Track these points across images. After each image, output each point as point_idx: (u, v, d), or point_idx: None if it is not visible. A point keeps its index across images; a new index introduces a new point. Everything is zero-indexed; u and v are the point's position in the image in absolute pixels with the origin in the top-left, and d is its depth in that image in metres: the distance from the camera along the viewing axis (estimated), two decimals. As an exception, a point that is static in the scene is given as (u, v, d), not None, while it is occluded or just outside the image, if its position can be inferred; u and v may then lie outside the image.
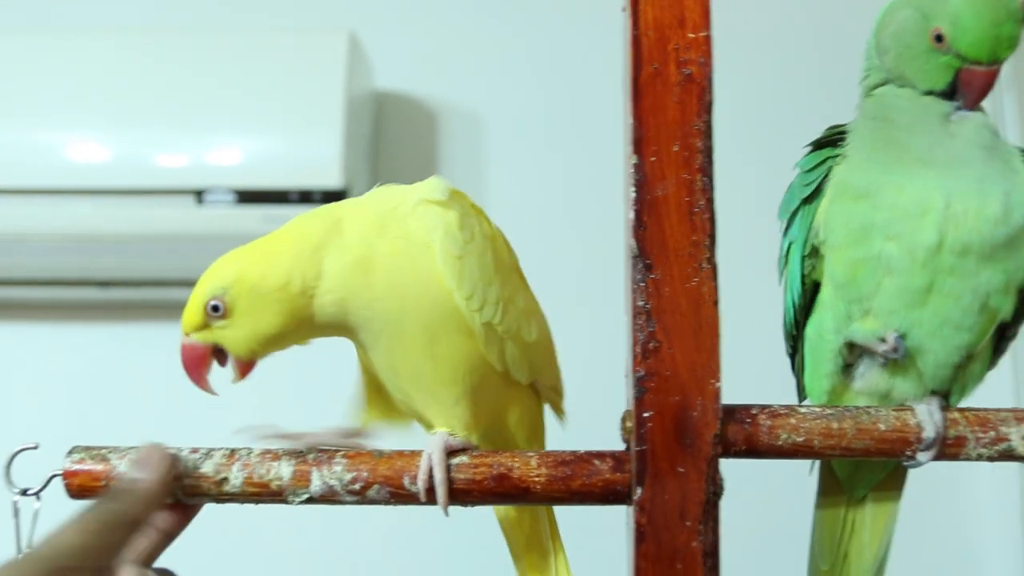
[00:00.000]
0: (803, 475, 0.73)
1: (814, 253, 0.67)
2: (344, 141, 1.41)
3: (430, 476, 0.60)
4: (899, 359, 0.63)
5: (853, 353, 0.67)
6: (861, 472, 0.70)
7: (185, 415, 1.40)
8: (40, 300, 1.46)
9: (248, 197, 1.41)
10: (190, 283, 0.63)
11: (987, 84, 0.64)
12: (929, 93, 0.65)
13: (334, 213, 0.65)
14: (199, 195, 1.40)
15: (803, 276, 0.68)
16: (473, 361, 0.64)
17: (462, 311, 0.62)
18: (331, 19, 1.58)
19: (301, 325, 0.63)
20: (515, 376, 0.66)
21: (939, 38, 0.64)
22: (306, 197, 1.41)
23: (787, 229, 0.69)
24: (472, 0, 1.62)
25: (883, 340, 0.64)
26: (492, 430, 0.67)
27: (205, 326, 0.62)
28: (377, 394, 0.69)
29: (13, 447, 0.63)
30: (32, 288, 1.44)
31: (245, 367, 0.64)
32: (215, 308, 0.62)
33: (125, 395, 1.42)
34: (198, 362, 0.63)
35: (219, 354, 0.64)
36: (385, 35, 1.58)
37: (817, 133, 0.70)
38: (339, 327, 0.64)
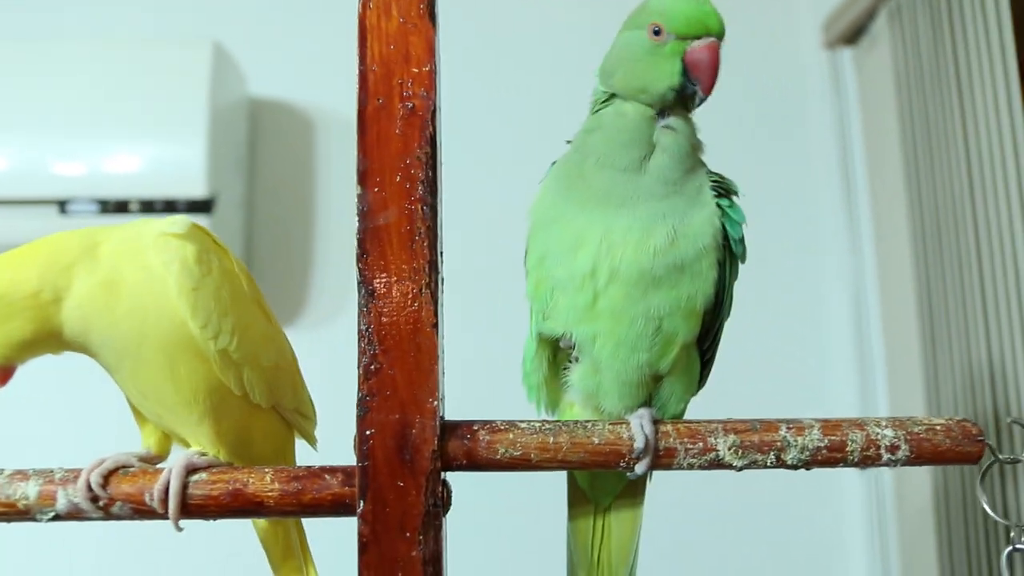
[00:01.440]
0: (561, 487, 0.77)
1: None
2: (209, 150, 1.43)
3: (167, 490, 0.63)
4: (572, 354, 0.69)
5: (550, 355, 0.72)
6: (600, 483, 0.74)
7: (34, 426, 1.42)
8: None
9: (112, 207, 1.43)
10: None
11: (714, 59, 0.66)
12: (665, 96, 0.67)
13: (94, 236, 0.67)
14: (62, 205, 1.41)
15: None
16: (212, 384, 0.67)
17: (199, 338, 0.66)
18: (200, 30, 1.59)
19: (50, 335, 0.65)
20: (255, 399, 0.70)
21: (656, 31, 0.67)
22: (171, 206, 1.43)
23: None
24: (344, 5, 1.63)
25: (563, 337, 0.69)
26: (239, 449, 0.70)
27: None
28: (142, 416, 0.72)
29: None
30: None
31: (3, 373, 0.66)
32: None
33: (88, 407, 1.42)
34: None
35: None
36: (258, 44, 1.60)
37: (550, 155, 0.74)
38: (84, 345, 0.66)
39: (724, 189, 0.69)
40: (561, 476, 0.77)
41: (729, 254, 0.69)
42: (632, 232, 0.66)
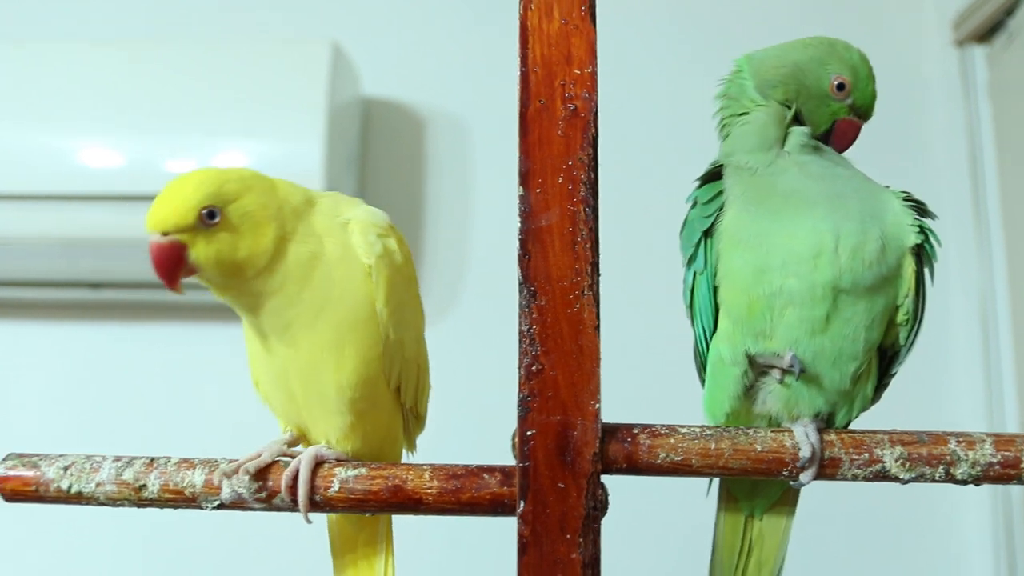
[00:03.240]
0: (702, 495, 0.76)
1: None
2: (326, 149, 1.45)
3: (295, 483, 0.65)
4: (795, 373, 0.66)
5: (752, 376, 0.69)
6: (758, 491, 0.73)
7: (173, 413, 1.47)
8: (33, 300, 1.52)
9: (234, 203, 1.47)
10: None
11: (857, 137, 0.72)
12: (809, 133, 0.71)
13: (310, 195, 0.70)
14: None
15: (714, 306, 0.70)
16: (369, 374, 0.68)
17: (377, 323, 0.67)
18: (317, 29, 1.62)
19: (259, 271, 0.65)
20: (404, 396, 0.71)
21: (841, 87, 0.70)
22: (289, 205, 1.46)
23: (690, 260, 0.72)
24: (458, 6, 1.65)
25: (780, 356, 0.67)
26: (365, 447, 0.70)
27: (190, 229, 0.63)
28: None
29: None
30: (27, 289, 1.50)
31: (188, 275, 0.64)
32: (211, 215, 0.63)
33: (116, 394, 1.48)
34: (176, 263, 0.63)
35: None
36: (372, 44, 1.62)
37: (701, 164, 0.73)
38: (266, 294, 0.65)
39: (913, 201, 0.69)
40: (705, 482, 0.76)
41: (920, 262, 0.68)
42: (854, 236, 0.65)
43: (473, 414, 1.27)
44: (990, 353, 1.44)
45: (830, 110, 0.71)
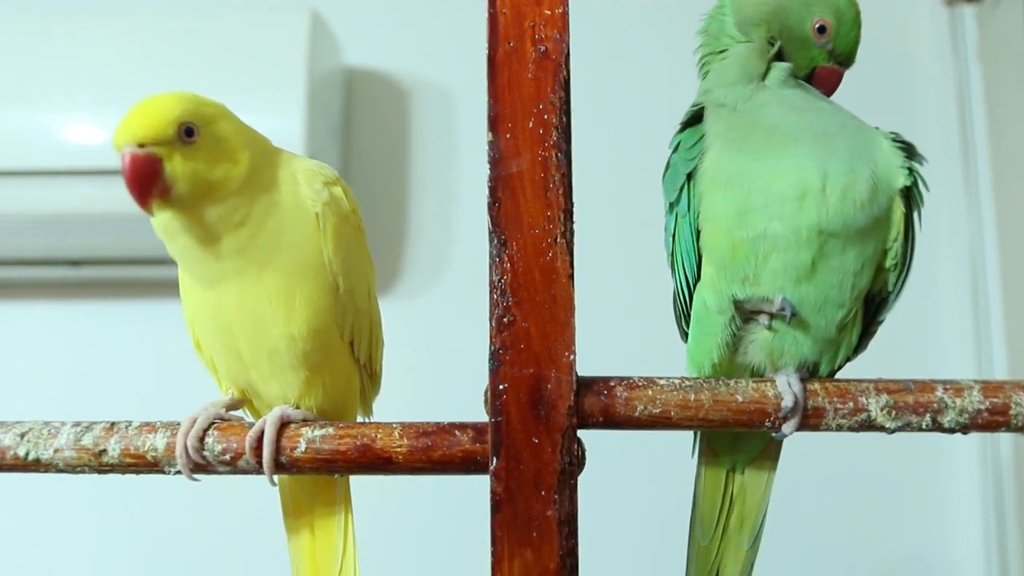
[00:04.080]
0: (682, 448, 0.74)
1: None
2: (307, 120, 1.42)
3: (259, 445, 0.63)
4: (786, 317, 0.64)
5: (739, 324, 0.66)
6: (740, 444, 0.71)
7: (156, 389, 1.45)
8: (12, 279, 1.50)
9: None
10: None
11: (838, 84, 0.70)
12: (789, 71, 0.68)
13: (270, 145, 0.69)
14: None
15: (697, 252, 0.68)
16: (320, 324, 0.66)
17: (327, 274, 0.65)
18: (297, -2, 1.58)
19: (230, 195, 0.63)
20: (357, 350, 0.69)
21: (822, 30, 0.68)
22: (270, 176, 1.44)
23: (672, 205, 0.69)
24: (440, -24, 1.62)
25: (769, 300, 0.64)
26: (324, 404, 0.68)
27: (168, 143, 0.61)
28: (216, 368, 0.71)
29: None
30: (5, 267, 1.47)
31: (159, 195, 0.62)
32: (189, 132, 0.62)
33: (98, 370, 1.45)
34: (152, 176, 0.61)
35: None
36: (354, 12, 1.59)
37: (681, 107, 0.70)
38: (224, 230, 0.63)
39: (902, 142, 0.67)
40: (687, 436, 0.73)
41: (909, 205, 0.66)
42: (843, 176, 0.62)
43: (456, 384, 1.25)
44: (978, 306, 1.42)
45: (810, 54, 0.69)
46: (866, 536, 1.41)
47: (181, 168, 0.61)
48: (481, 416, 0.65)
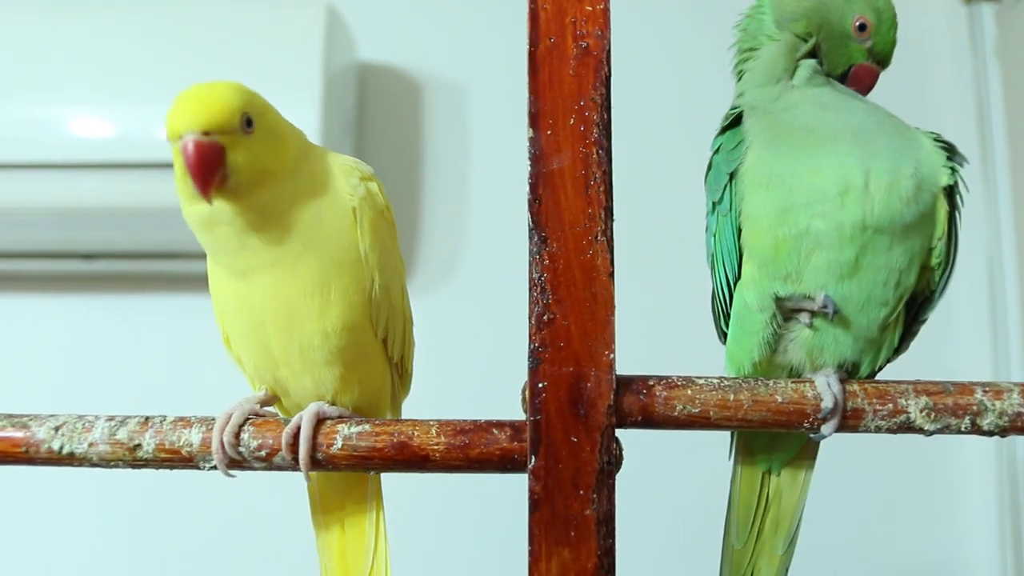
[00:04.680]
0: (722, 452, 0.74)
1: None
2: (322, 114, 1.41)
3: (296, 441, 0.63)
4: (830, 315, 0.63)
5: (780, 322, 0.66)
6: (777, 445, 0.70)
7: (168, 383, 1.45)
8: (25, 272, 1.49)
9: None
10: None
11: (874, 84, 0.70)
12: (826, 71, 0.69)
13: (305, 138, 0.69)
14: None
15: (738, 251, 0.67)
16: (354, 320, 0.66)
17: (362, 268, 0.65)
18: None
19: (281, 187, 0.64)
20: (390, 349, 0.69)
21: (862, 27, 0.68)
22: (284, 170, 1.43)
23: (715, 204, 0.69)
24: (455, -28, 1.61)
25: (811, 298, 0.64)
26: (360, 401, 0.68)
27: (232, 132, 0.61)
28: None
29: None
30: (18, 260, 1.46)
31: (219, 183, 0.61)
32: (248, 122, 0.62)
33: (110, 364, 1.45)
34: (217, 164, 0.61)
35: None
36: (368, 7, 1.58)
37: (721, 107, 0.70)
38: (262, 225, 0.63)
39: (944, 142, 0.67)
40: (724, 437, 0.73)
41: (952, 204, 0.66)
42: (886, 174, 0.62)
43: (477, 378, 1.25)
44: (996, 305, 1.42)
45: (848, 51, 0.68)
46: (881, 538, 1.41)
47: (242, 157, 0.61)
48: (503, 413, 0.65)
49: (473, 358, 1.41)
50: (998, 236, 1.43)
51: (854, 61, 0.69)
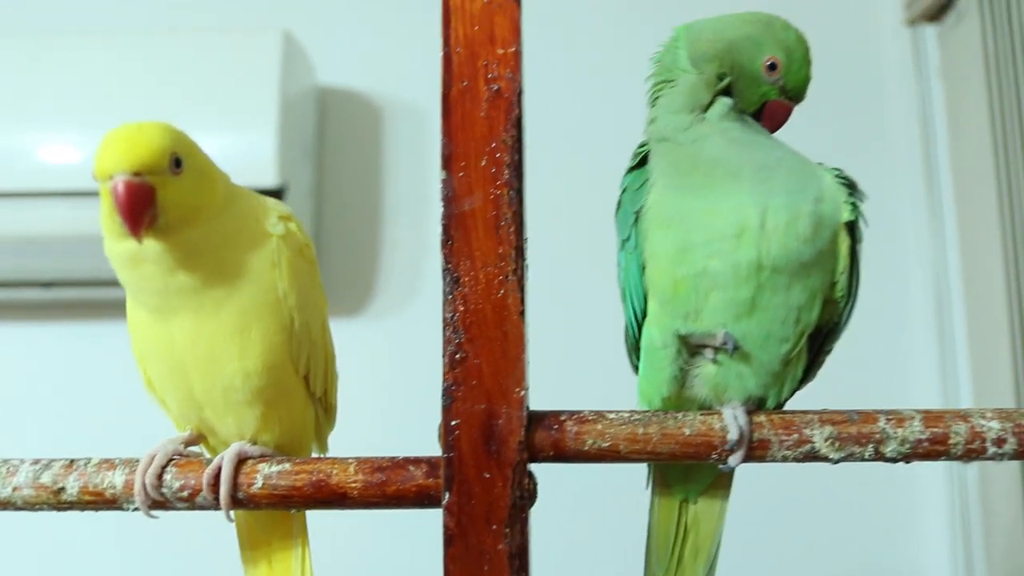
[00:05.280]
0: (641, 481, 0.75)
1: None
2: (279, 139, 1.43)
3: (217, 481, 0.64)
4: (729, 351, 0.65)
5: (686, 357, 0.67)
6: (691, 475, 0.72)
7: (127, 409, 1.45)
8: (-17, 301, 1.49)
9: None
10: None
11: (787, 119, 0.70)
12: (739, 108, 0.69)
13: (231, 182, 0.70)
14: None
15: (644, 288, 0.69)
16: (275, 360, 0.67)
17: (282, 306, 0.67)
18: (269, 18, 1.59)
19: (208, 226, 0.65)
20: (312, 385, 0.70)
21: (772, 67, 0.68)
22: (242, 196, 1.44)
23: (624, 242, 0.70)
24: (414, -5, 1.62)
25: (713, 335, 0.66)
26: (281, 440, 0.69)
27: (161, 172, 0.62)
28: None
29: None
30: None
31: (149, 223, 0.62)
32: (177, 162, 0.63)
33: (69, 391, 1.45)
34: (147, 204, 0.62)
35: None
36: (326, 32, 1.60)
37: (635, 143, 0.71)
38: (183, 269, 0.64)
39: (844, 178, 0.68)
40: (643, 467, 0.75)
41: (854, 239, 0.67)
42: (783, 212, 0.63)
43: (428, 401, 1.26)
44: (943, 327, 1.44)
45: (761, 90, 0.69)
46: (832, 553, 1.42)
47: (172, 196, 0.63)
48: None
49: (434, 380, 1.42)
50: (944, 255, 1.45)
51: (767, 98, 0.70)
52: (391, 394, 1.41)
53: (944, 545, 1.41)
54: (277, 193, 1.42)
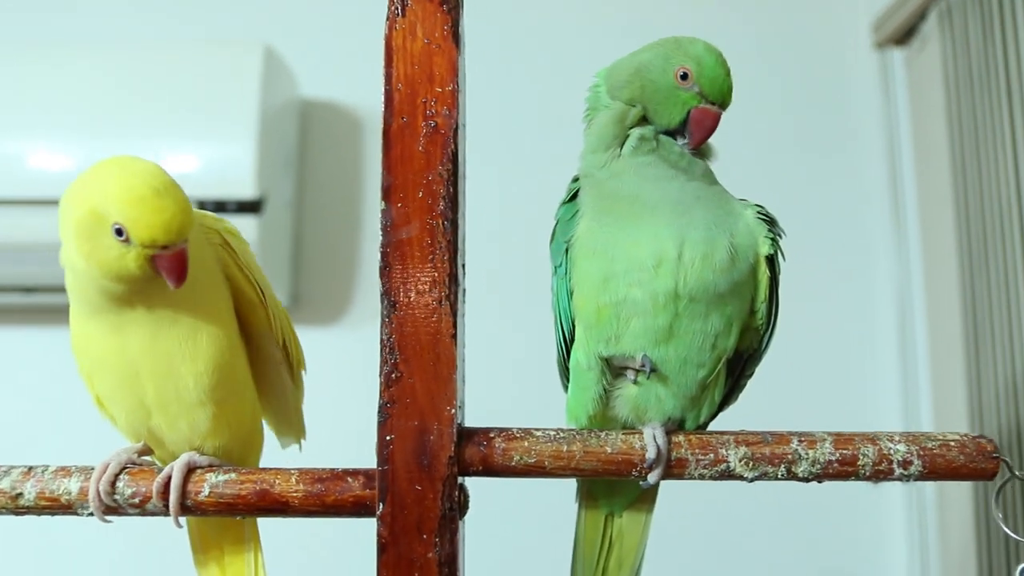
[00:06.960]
0: (568, 496, 0.79)
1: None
2: (259, 152, 1.46)
3: (167, 489, 0.68)
4: (647, 373, 0.68)
5: (610, 379, 0.71)
6: (616, 490, 0.76)
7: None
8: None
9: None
10: None
11: (715, 124, 0.70)
12: (662, 129, 0.71)
13: None
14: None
15: (571, 314, 0.72)
16: (224, 361, 0.71)
17: (230, 308, 0.72)
18: (250, 32, 1.63)
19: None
20: (292, 357, 0.76)
21: (684, 76, 0.70)
22: (221, 207, 1.46)
23: (557, 268, 0.73)
24: (394, 8, 1.66)
25: (633, 357, 0.69)
26: (232, 441, 0.73)
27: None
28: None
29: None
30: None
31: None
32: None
33: (49, 395, 1.49)
34: (187, 260, 0.67)
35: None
36: (308, 45, 1.63)
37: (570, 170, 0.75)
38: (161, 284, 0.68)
39: (765, 214, 0.71)
40: (572, 482, 0.78)
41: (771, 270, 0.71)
42: (700, 245, 0.67)
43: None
44: (906, 349, 1.48)
45: (680, 100, 0.70)
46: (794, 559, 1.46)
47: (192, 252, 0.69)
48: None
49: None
50: (908, 277, 1.49)
51: (690, 107, 0.70)
52: (371, 403, 1.44)
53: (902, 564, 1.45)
54: (256, 205, 1.46)
